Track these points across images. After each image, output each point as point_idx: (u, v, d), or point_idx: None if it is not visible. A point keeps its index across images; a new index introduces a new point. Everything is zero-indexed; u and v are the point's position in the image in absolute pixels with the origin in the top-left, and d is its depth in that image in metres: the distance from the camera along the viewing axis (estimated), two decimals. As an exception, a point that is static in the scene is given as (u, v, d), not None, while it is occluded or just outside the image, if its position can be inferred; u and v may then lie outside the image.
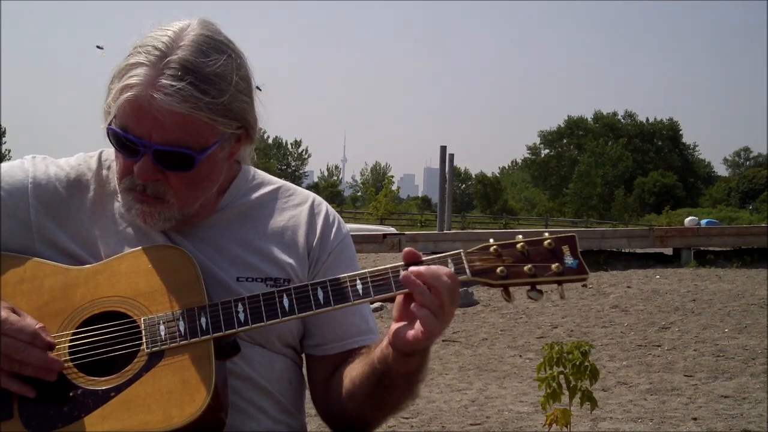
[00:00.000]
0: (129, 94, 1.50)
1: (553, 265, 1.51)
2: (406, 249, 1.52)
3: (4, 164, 1.71)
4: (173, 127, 1.51)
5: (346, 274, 1.55)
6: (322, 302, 1.53)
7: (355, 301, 1.53)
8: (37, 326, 1.50)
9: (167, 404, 1.46)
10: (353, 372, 1.66)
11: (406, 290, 1.50)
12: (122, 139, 1.54)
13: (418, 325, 1.47)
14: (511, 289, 1.54)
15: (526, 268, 1.51)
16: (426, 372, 1.62)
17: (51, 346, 1.50)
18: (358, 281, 1.53)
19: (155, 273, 1.58)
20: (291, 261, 1.71)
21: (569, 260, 1.52)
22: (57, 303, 1.57)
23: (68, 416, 1.47)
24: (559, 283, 1.52)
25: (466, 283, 1.53)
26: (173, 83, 1.49)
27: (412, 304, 1.48)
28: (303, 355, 1.79)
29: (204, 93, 1.51)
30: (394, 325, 1.52)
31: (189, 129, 1.52)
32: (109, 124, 1.55)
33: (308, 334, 1.74)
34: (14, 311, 1.51)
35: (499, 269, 1.52)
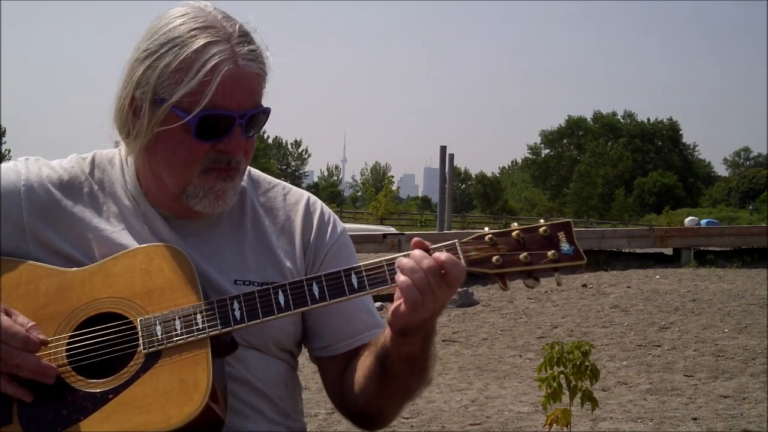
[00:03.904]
0: (225, 70, 1.52)
1: (549, 252, 1.51)
2: (415, 239, 1.52)
3: None
4: (255, 88, 1.59)
5: (340, 268, 1.54)
6: (317, 297, 1.52)
7: (351, 296, 1.53)
8: (29, 325, 1.50)
9: (165, 404, 1.45)
10: (362, 364, 1.67)
11: None
12: (215, 119, 1.55)
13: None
14: (507, 280, 1.53)
15: (521, 256, 1.51)
16: (433, 359, 1.62)
17: (44, 343, 1.51)
18: (353, 275, 1.53)
19: (150, 273, 1.58)
20: (288, 264, 1.71)
21: (565, 246, 1.52)
22: (53, 306, 1.57)
23: (67, 419, 1.47)
24: (556, 270, 1.52)
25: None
26: (249, 48, 1.56)
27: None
28: (314, 359, 1.78)
29: (261, 51, 1.59)
30: (392, 305, 1.52)
31: (261, 87, 1.61)
32: (186, 112, 1.53)
33: (315, 337, 1.73)
34: (7, 312, 1.51)
35: (494, 258, 1.51)
